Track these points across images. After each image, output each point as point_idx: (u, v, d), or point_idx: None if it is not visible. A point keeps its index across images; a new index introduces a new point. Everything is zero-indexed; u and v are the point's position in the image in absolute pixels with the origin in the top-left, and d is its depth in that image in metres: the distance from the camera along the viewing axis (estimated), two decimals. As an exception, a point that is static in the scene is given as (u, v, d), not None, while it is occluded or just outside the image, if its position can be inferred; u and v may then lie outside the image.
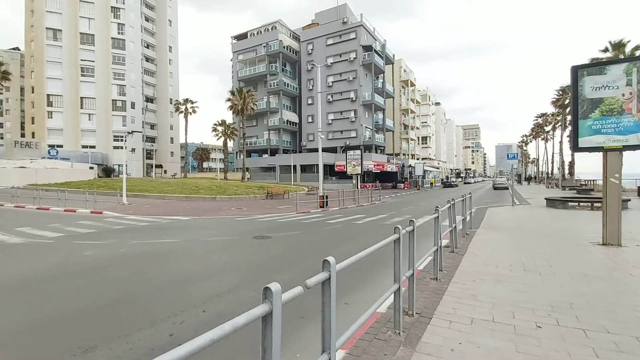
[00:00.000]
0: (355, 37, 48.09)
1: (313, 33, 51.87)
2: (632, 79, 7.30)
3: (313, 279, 1.86)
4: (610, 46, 29.45)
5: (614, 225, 7.39)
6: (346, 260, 2.27)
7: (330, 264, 2.00)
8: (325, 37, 50.26)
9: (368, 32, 50.19)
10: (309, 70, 51.13)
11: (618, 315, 3.67)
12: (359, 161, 24.99)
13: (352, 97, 48.28)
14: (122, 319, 4.21)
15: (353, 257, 2.40)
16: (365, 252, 2.58)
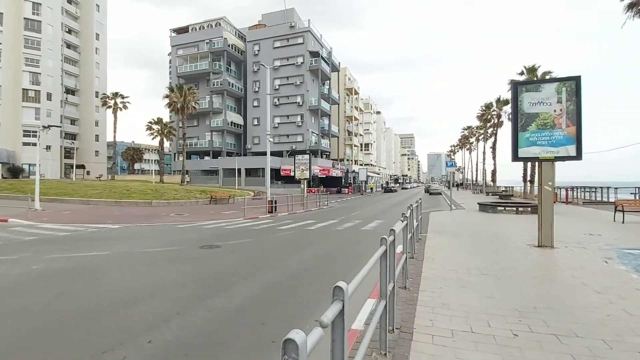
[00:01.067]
0: (303, 42, 48.29)
1: (260, 34, 50.88)
2: (562, 97, 8.16)
3: (329, 313, 1.47)
4: (525, 70, 33.53)
5: (548, 229, 8.14)
6: (354, 280, 1.91)
7: (344, 292, 1.63)
8: (273, 40, 49.63)
9: (315, 39, 50.77)
10: (255, 72, 49.97)
11: (579, 318, 3.86)
12: (308, 166, 24.80)
13: (299, 101, 48.24)
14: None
15: (360, 275, 2.05)
16: (367, 267, 2.24)
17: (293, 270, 6.76)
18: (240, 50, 52.65)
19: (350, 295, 1.74)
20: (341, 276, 6.19)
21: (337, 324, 1.61)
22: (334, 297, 1.64)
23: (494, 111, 46.20)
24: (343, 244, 9.87)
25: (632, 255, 7.16)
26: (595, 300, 4.48)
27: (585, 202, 25.30)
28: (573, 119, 8.09)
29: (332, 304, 1.59)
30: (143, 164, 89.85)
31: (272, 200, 19.03)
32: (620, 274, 5.79)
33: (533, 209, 16.87)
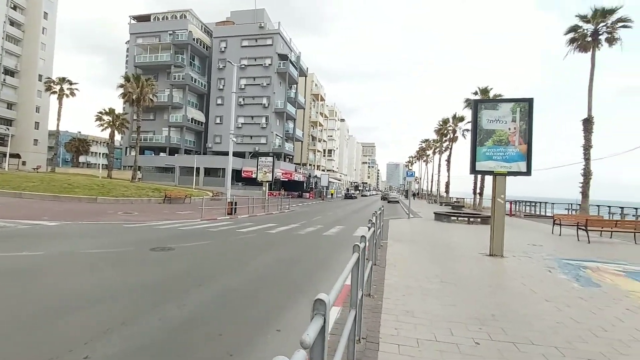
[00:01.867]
0: (272, 44, 47.84)
1: (228, 31, 49.58)
2: (516, 116, 8.74)
3: (311, 331, 1.29)
4: (479, 91, 35.99)
5: (499, 239, 8.62)
6: (333, 291, 1.75)
7: (326, 306, 1.46)
8: (241, 38, 48.59)
9: (284, 42, 50.55)
10: (221, 69, 48.51)
11: (533, 325, 4.03)
12: (271, 168, 24.37)
13: (264, 103, 47.54)
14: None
15: (338, 284, 1.89)
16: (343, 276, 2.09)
17: (253, 275, 6.45)
18: (205, 45, 50.85)
19: (330, 309, 1.57)
20: (304, 282, 6.03)
21: (317, 343, 1.43)
22: (315, 312, 1.47)
23: (450, 126, 48.97)
24: (305, 249, 9.69)
25: (571, 266, 7.78)
26: (545, 308, 4.73)
27: (526, 215, 27.52)
28: (525, 138, 8.69)
29: (313, 319, 1.42)
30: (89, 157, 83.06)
31: (232, 201, 18.36)
32: (563, 282, 6.23)
33: (483, 220, 17.96)
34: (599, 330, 3.94)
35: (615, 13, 19.23)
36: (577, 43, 20.45)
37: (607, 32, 19.60)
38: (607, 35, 19.60)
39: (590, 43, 19.98)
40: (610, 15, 19.31)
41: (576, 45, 20.52)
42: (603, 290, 5.76)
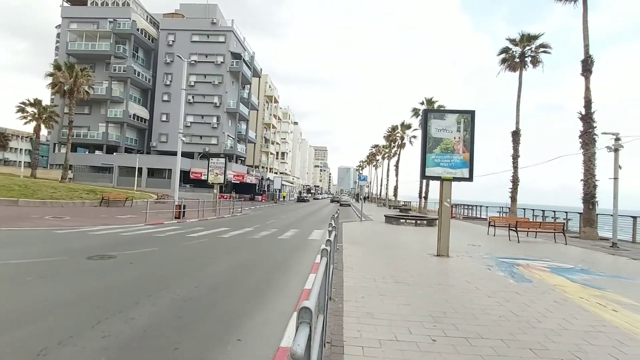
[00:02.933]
0: (225, 42, 46.37)
1: (177, 24, 47.01)
2: (460, 126, 9.48)
3: (300, 341, 1.25)
4: (425, 101, 38.46)
5: (446, 240, 9.25)
6: (311, 298, 1.72)
7: (312, 312, 1.44)
8: (191, 33, 46.37)
9: (238, 40, 49.30)
10: (168, 63, 45.79)
11: (480, 320, 4.38)
12: (223, 170, 23.49)
13: (215, 102, 45.82)
14: None
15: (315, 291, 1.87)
16: (318, 283, 2.07)
17: (209, 282, 6.15)
18: (151, 37, 47.63)
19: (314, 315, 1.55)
20: (263, 288, 5.89)
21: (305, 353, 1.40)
22: (300, 320, 1.43)
23: (398, 133, 51.64)
24: (261, 254, 9.48)
25: (506, 264, 8.60)
26: (488, 303, 5.17)
27: (465, 217, 29.89)
28: (468, 146, 9.45)
29: (299, 328, 1.39)
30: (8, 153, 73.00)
31: (180, 204, 17.35)
32: (501, 279, 6.86)
33: (428, 222, 19.15)
34: (534, 322, 4.40)
35: (538, 39, 21.85)
36: (508, 63, 22.84)
37: (532, 55, 22.19)
38: (532, 57, 22.19)
39: (519, 64, 22.44)
40: (535, 40, 21.89)
41: (507, 65, 22.90)
42: (534, 285, 6.46)
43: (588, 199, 15.74)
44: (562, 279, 7.08)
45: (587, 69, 16.05)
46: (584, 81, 16.12)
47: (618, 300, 5.56)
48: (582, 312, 4.92)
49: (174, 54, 41.38)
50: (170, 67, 45.59)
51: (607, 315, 4.79)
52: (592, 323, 4.45)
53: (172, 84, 45.34)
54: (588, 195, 15.72)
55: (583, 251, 11.70)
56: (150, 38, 47.50)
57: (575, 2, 16.84)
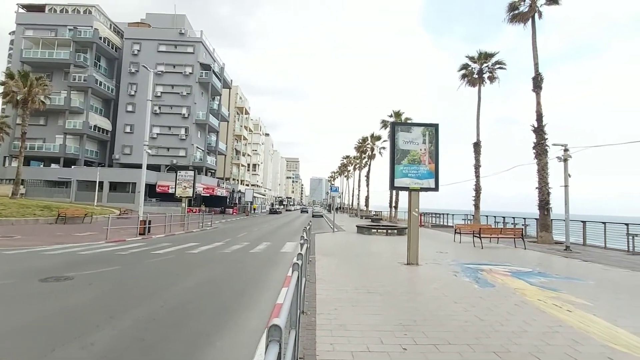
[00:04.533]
0: (193, 52, 45.66)
1: (143, 33, 45.75)
2: (426, 139, 9.91)
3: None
4: (393, 114, 39.82)
5: (415, 249, 9.51)
6: (281, 315, 1.72)
7: (282, 330, 1.44)
8: (158, 43, 45.26)
9: (207, 51, 48.77)
10: (133, 73, 44.26)
11: (447, 326, 4.53)
12: (191, 183, 22.79)
13: (184, 113, 44.72)
14: None
15: (285, 308, 1.87)
16: (289, 298, 2.08)
17: (175, 301, 5.90)
18: (115, 46, 45.95)
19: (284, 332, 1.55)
20: (234, 305, 5.74)
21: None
22: (270, 338, 1.43)
23: (369, 144, 52.86)
24: (232, 269, 9.24)
25: (471, 270, 8.97)
26: (455, 309, 5.36)
27: (433, 225, 30.88)
28: (433, 158, 9.88)
29: (269, 347, 1.38)
30: (-52, 167, 66.46)
31: (145, 219, 16.58)
32: (466, 285, 7.14)
33: (399, 231, 19.58)
34: (498, 325, 4.62)
35: (494, 56, 23.47)
36: (467, 79, 24.28)
37: (489, 72, 23.75)
38: (489, 74, 23.75)
39: (477, 79, 23.91)
40: (491, 57, 23.49)
41: (466, 81, 24.33)
42: (497, 289, 6.78)
43: (543, 206, 16.87)
44: (522, 282, 7.49)
45: (538, 85, 17.43)
46: (535, 97, 17.47)
47: (572, 301, 5.97)
48: (540, 313, 5.22)
49: (139, 64, 40.11)
50: (135, 77, 44.09)
51: (563, 316, 5.12)
52: (550, 324, 4.74)
53: (137, 95, 43.78)
54: (543, 202, 16.86)
55: (540, 255, 12.46)
56: (113, 47, 45.83)
57: (525, 24, 18.35)
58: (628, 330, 4.52)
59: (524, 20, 18.28)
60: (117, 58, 46.37)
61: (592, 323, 4.79)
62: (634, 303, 5.99)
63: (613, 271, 9.32)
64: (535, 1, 17.77)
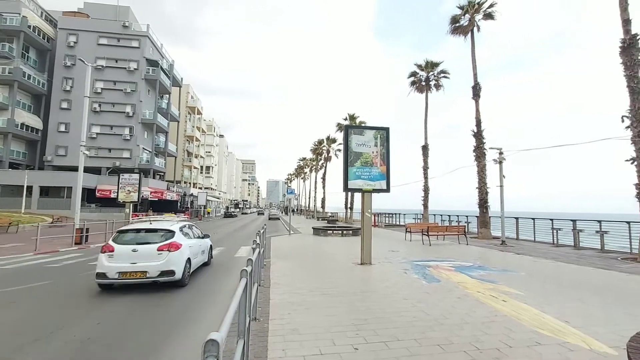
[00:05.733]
0: (139, 47, 42.79)
1: (80, 24, 41.89)
2: (377, 142, 10.26)
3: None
4: (349, 117, 40.75)
5: (368, 249, 9.78)
6: (223, 327, 1.65)
7: (219, 345, 1.38)
8: (98, 35, 41.73)
9: (155, 47, 46.02)
10: (69, 67, 40.34)
11: (396, 323, 4.70)
12: (137, 187, 21.25)
13: (128, 111, 41.66)
14: None
15: (228, 318, 1.79)
16: (233, 308, 2.00)
17: (114, 318, 5.44)
18: (47, 37, 41.48)
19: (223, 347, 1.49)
20: (182, 317, 5.43)
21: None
22: (206, 354, 1.36)
23: (325, 147, 53.53)
24: (181, 277, 8.75)
25: (419, 266, 9.44)
26: (403, 306, 5.59)
27: (386, 225, 32.07)
28: (384, 160, 10.26)
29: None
30: None
31: (82, 227, 15.14)
32: (414, 281, 7.50)
33: (354, 232, 20.02)
34: (442, 319, 4.90)
35: (439, 66, 25.04)
36: (416, 86, 25.63)
37: (435, 80, 25.29)
38: (435, 82, 25.30)
39: (425, 86, 25.34)
40: (437, 67, 25.03)
41: (415, 88, 25.68)
42: (442, 284, 7.20)
43: (482, 204, 18.33)
44: (464, 276, 8.05)
45: (477, 93, 18.93)
46: (475, 104, 18.95)
47: (506, 292, 6.53)
48: (480, 305, 5.64)
49: (75, 57, 36.65)
50: (72, 72, 40.21)
51: (499, 306, 5.58)
52: (487, 314, 5.14)
53: (73, 90, 39.93)
54: (482, 201, 18.32)
55: (480, 250, 13.50)
56: (46, 37, 41.36)
57: (465, 37, 19.83)
58: (553, 315, 5.05)
59: (465, 33, 19.76)
60: (50, 50, 41.93)
61: (523, 311, 5.28)
62: (557, 291, 6.71)
63: (541, 262, 10.39)
64: (474, 16, 19.30)
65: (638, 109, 10.83)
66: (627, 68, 11.09)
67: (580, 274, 8.56)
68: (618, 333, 4.24)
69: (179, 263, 7.33)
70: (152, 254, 7.15)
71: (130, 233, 7.84)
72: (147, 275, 6.93)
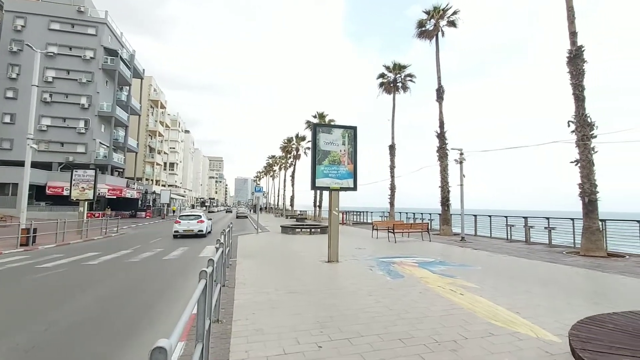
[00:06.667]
0: (96, 35, 40.09)
1: (29, 7, 38.47)
2: (345, 140, 10.36)
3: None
4: (318, 115, 40.86)
5: (335, 247, 9.86)
6: (174, 333, 1.58)
7: (167, 353, 1.30)
8: (49, 19, 38.55)
9: (114, 35, 43.32)
10: (15, 52, 36.95)
11: (360, 319, 4.78)
12: (92, 184, 19.89)
13: (83, 103, 38.93)
14: None
15: (181, 323, 1.71)
16: (188, 311, 1.92)
17: (63, 324, 5.06)
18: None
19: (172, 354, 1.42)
20: (138, 322, 5.18)
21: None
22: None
23: (294, 145, 53.31)
24: (140, 279, 8.35)
25: (385, 263, 9.68)
26: (368, 302, 5.70)
27: (354, 223, 32.59)
28: (352, 159, 10.39)
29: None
30: None
31: (28, 227, 13.96)
32: (379, 277, 7.67)
33: (322, 230, 20.13)
34: (404, 313, 5.05)
35: (406, 69, 25.77)
36: (384, 87, 26.21)
37: (402, 82, 26.00)
38: (402, 84, 26.01)
39: (392, 88, 25.99)
40: (404, 69, 25.73)
41: (384, 89, 26.26)
42: (405, 280, 7.43)
43: (444, 202, 19.15)
44: (426, 271, 8.36)
45: (440, 96, 19.70)
46: (438, 106, 19.72)
47: (464, 285, 6.86)
48: (439, 299, 5.88)
49: (23, 42, 33.61)
50: (18, 58, 36.86)
51: (456, 299, 5.84)
52: (446, 307, 5.36)
53: (20, 79, 36.65)
54: (444, 199, 19.14)
55: (442, 246, 14.10)
56: (-15, 18, 37.55)
57: (430, 41, 20.57)
58: (505, 307, 5.37)
59: (430, 37, 20.47)
60: (-9, 32, 38.14)
61: (479, 303, 5.58)
62: (510, 284, 7.15)
63: (495, 257, 11.04)
64: (439, 21, 20.05)
65: (582, 115, 11.80)
66: (573, 77, 12.03)
67: (530, 267, 9.20)
68: (562, 322, 4.59)
69: (204, 228, 18.73)
70: (194, 224, 18.19)
71: (185, 216, 18.93)
72: (193, 232, 18.02)
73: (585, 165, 11.63)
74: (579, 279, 7.83)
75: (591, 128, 11.69)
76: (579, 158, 11.84)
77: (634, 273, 8.32)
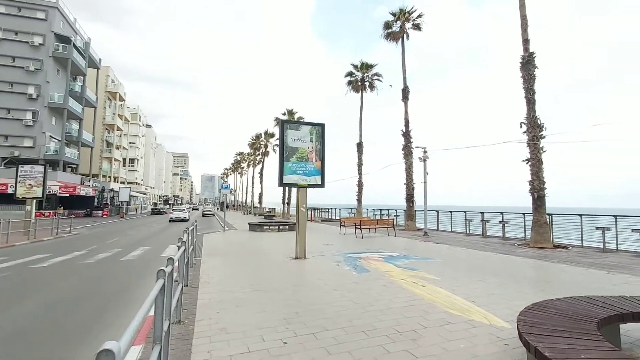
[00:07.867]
0: (46, 20, 37.01)
1: (-39, -16, 34.65)
2: (313, 137, 10.38)
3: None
4: (287, 112, 40.60)
5: (303, 244, 9.88)
6: (125, 335, 1.51)
7: (114, 356, 1.24)
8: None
9: (67, 21, 40.22)
10: (-54, 35, 33.15)
11: (325, 313, 4.84)
12: (41, 180, 18.40)
13: (31, 93, 35.87)
14: None
15: (133, 325, 1.63)
16: (142, 313, 1.84)
17: (6, 331, 4.66)
18: None
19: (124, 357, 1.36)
20: (91, 327, 4.90)
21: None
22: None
23: (263, 141, 52.64)
24: (95, 282, 7.86)
25: (351, 258, 9.85)
26: (333, 296, 5.78)
27: (323, 219, 32.82)
28: (319, 155, 10.44)
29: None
30: None
31: (-35, 229, 12.65)
32: (346, 272, 7.80)
33: (290, 227, 20.08)
34: (368, 306, 5.18)
35: (373, 68, 26.25)
36: (352, 85, 26.55)
37: (369, 81, 26.47)
38: (369, 82, 26.48)
39: (360, 87, 26.38)
40: (371, 68, 26.20)
41: (352, 87, 26.60)
42: (371, 274, 7.62)
43: (409, 199, 19.83)
44: (391, 265, 8.63)
45: (406, 96, 20.31)
46: (404, 105, 20.33)
47: (425, 277, 7.16)
48: (402, 291, 6.09)
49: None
50: (-50, 40, 33.17)
51: (418, 291, 6.09)
52: (408, 299, 5.57)
53: (-47, 64, 33.03)
54: (409, 196, 19.81)
55: (406, 240, 14.60)
56: None
57: (397, 42, 21.10)
58: (462, 297, 5.68)
59: (396, 39, 21.00)
60: None
61: (438, 294, 5.85)
62: (467, 274, 7.56)
63: (455, 250, 11.61)
64: (404, 24, 20.61)
65: (532, 117, 12.69)
66: (525, 81, 12.89)
67: (485, 259, 9.78)
68: (512, 309, 4.93)
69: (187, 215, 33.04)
70: (181, 213, 32.47)
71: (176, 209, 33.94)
72: (180, 218, 31.52)
73: (535, 164, 12.53)
74: (528, 268, 8.44)
75: (540, 129, 12.61)
76: (529, 157, 12.73)
77: (575, 262, 9.12)
